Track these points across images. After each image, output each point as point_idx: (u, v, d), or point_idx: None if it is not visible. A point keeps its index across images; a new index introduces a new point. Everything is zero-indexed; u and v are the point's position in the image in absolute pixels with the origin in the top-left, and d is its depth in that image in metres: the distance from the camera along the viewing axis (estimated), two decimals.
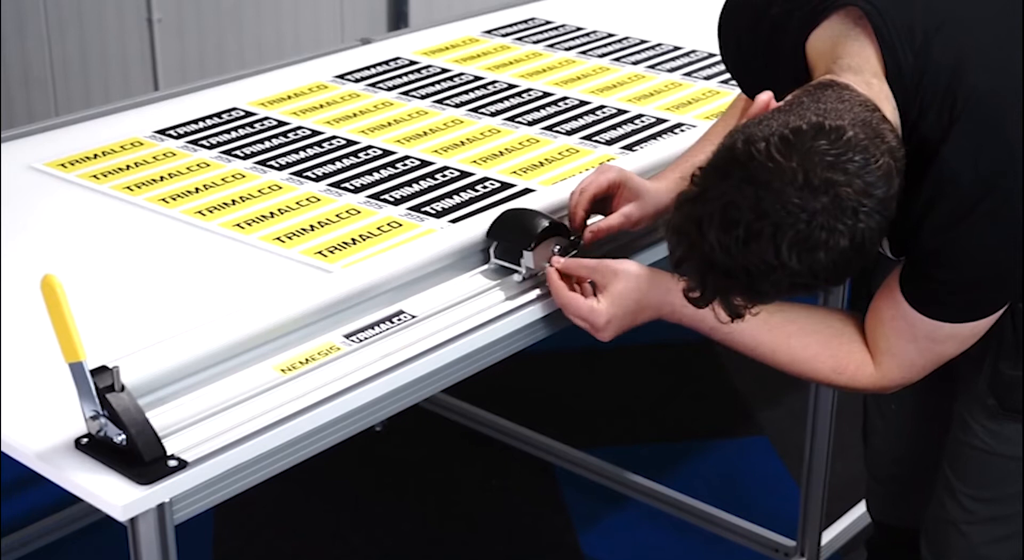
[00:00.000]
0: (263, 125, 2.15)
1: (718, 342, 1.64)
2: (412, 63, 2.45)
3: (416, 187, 1.91)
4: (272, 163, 2.00)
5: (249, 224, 1.80)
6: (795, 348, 1.60)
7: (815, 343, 1.60)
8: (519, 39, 2.60)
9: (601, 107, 2.23)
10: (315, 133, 2.12)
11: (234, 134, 2.11)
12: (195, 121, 2.16)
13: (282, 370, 1.46)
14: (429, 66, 2.43)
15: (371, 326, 1.55)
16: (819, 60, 1.51)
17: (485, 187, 1.91)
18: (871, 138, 1.35)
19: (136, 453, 1.29)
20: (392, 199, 1.88)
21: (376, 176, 1.95)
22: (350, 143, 2.08)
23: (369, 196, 1.89)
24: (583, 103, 2.25)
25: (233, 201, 1.87)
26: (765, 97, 1.44)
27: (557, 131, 2.13)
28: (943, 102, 1.44)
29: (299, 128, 2.14)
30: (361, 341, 1.52)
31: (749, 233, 1.32)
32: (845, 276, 1.38)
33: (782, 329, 1.60)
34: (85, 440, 1.33)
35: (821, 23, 1.52)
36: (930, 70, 1.45)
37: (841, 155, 1.32)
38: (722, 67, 1.91)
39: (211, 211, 1.84)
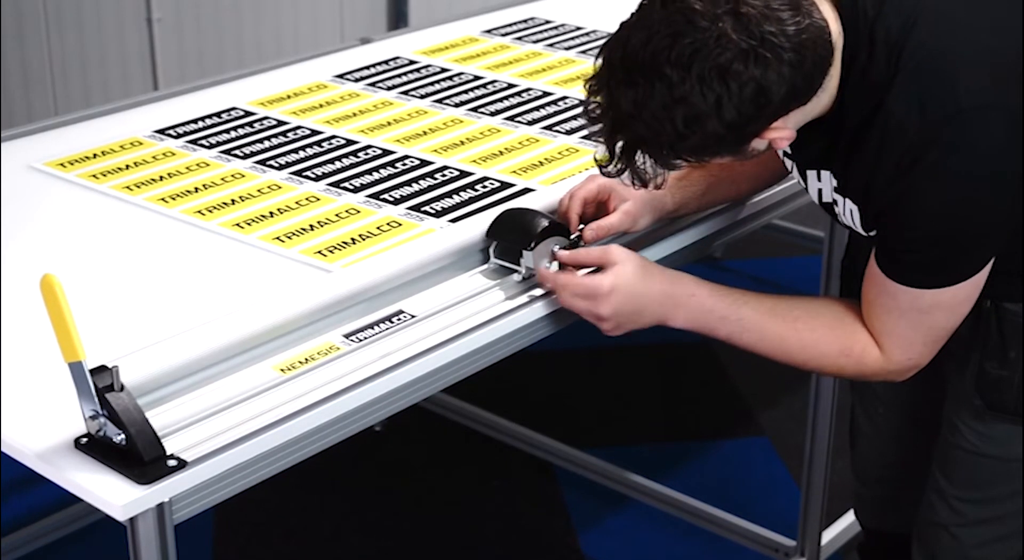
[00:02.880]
0: (262, 125, 2.15)
1: (724, 341, 1.64)
2: (412, 63, 2.45)
3: (416, 187, 1.91)
4: (271, 163, 2.00)
5: (249, 224, 1.80)
6: (802, 332, 1.60)
7: (821, 326, 1.61)
8: (519, 39, 2.59)
9: None
10: (315, 133, 2.11)
11: (233, 134, 2.11)
12: (194, 121, 2.16)
13: (282, 370, 1.46)
14: (429, 66, 2.43)
15: (371, 326, 1.55)
16: None
17: (485, 187, 1.91)
18: (795, 4, 1.40)
19: (136, 453, 1.29)
20: (392, 199, 1.87)
21: (376, 176, 1.95)
22: (350, 143, 2.07)
23: (369, 196, 1.88)
24: (583, 103, 2.24)
25: (232, 201, 1.87)
26: None
27: (557, 131, 2.12)
28: (891, 51, 1.46)
29: (299, 128, 2.14)
30: (361, 341, 1.52)
31: (650, 38, 1.38)
32: (744, 126, 1.41)
33: (787, 314, 1.61)
34: (85, 440, 1.33)
35: None
36: (884, 18, 1.46)
37: None
38: None
39: (211, 211, 1.84)
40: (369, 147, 2.06)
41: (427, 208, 1.84)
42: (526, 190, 1.90)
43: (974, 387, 1.71)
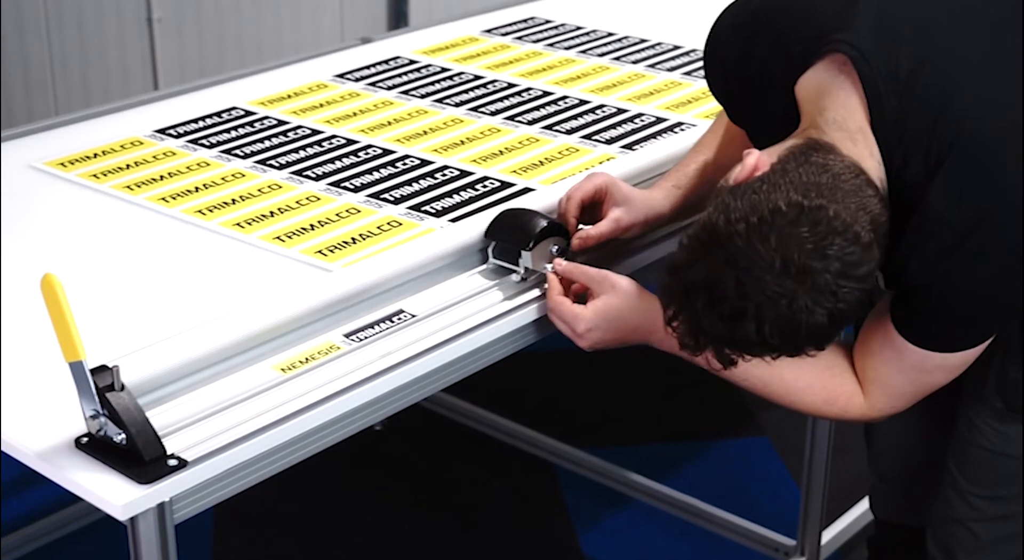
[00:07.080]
0: (263, 124, 2.15)
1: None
2: (412, 62, 2.45)
3: (416, 186, 1.91)
4: (272, 162, 2.00)
5: (249, 223, 1.80)
6: (788, 380, 1.61)
7: (807, 375, 1.61)
8: (519, 38, 2.60)
9: (601, 106, 2.23)
10: (315, 132, 2.11)
11: (234, 133, 2.11)
12: (195, 120, 2.16)
13: (282, 369, 1.46)
14: (429, 65, 2.43)
15: (371, 325, 1.55)
16: (807, 105, 1.51)
17: (485, 186, 1.91)
18: (853, 213, 1.36)
19: (136, 452, 1.29)
20: (392, 198, 1.87)
21: (376, 175, 1.95)
22: (350, 142, 2.07)
23: (369, 195, 1.89)
24: (583, 102, 2.25)
25: (233, 200, 1.87)
26: (752, 161, 1.42)
27: (557, 130, 2.12)
28: (928, 147, 1.44)
29: (299, 127, 2.14)
30: (361, 340, 1.52)
31: (733, 312, 1.35)
32: (827, 343, 1.41)
33: (774, 361, 1.60)
34: (85, 439, 1.33)
35: (809, 68, 1.51)
36: (913, 113, 1.44)
37: (820, 240, 1.33)
38: None
39: (211, 210, 1.84)
40: (369, 147, 2.06)
41: (427, 208, 1.84)
42: (526, 190, 1.90)
43: (995, 389, 1.71)
